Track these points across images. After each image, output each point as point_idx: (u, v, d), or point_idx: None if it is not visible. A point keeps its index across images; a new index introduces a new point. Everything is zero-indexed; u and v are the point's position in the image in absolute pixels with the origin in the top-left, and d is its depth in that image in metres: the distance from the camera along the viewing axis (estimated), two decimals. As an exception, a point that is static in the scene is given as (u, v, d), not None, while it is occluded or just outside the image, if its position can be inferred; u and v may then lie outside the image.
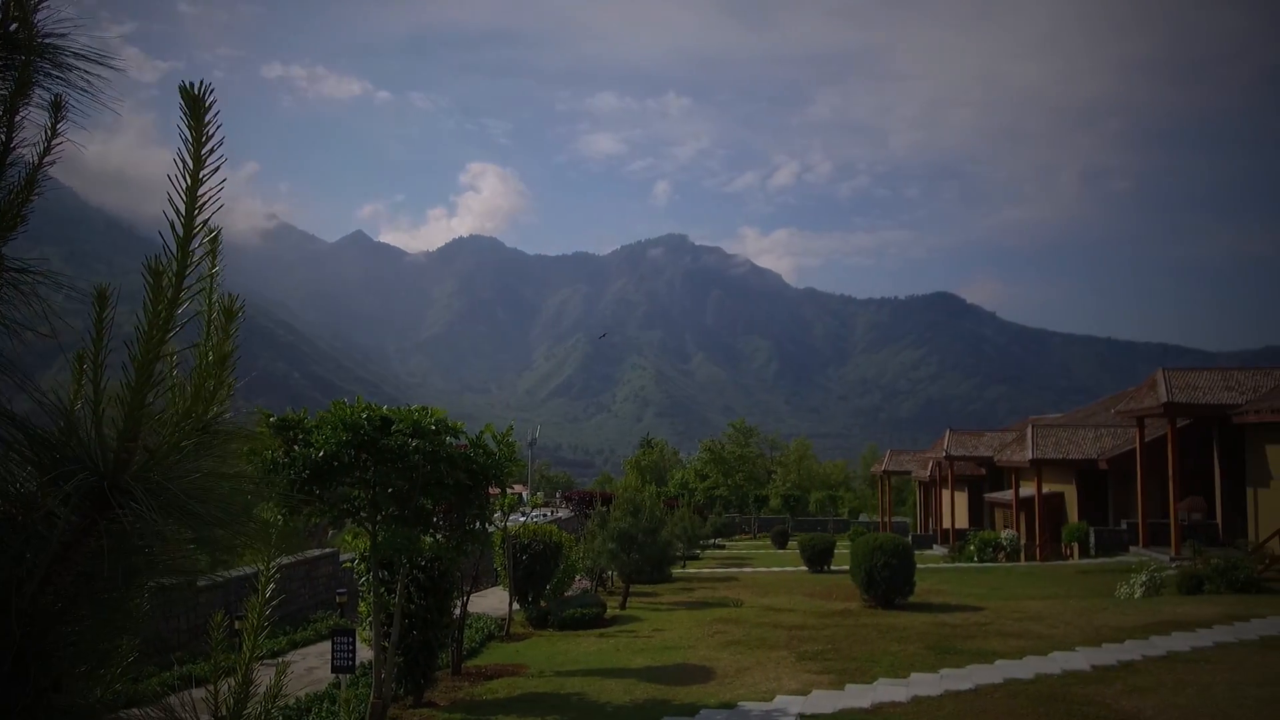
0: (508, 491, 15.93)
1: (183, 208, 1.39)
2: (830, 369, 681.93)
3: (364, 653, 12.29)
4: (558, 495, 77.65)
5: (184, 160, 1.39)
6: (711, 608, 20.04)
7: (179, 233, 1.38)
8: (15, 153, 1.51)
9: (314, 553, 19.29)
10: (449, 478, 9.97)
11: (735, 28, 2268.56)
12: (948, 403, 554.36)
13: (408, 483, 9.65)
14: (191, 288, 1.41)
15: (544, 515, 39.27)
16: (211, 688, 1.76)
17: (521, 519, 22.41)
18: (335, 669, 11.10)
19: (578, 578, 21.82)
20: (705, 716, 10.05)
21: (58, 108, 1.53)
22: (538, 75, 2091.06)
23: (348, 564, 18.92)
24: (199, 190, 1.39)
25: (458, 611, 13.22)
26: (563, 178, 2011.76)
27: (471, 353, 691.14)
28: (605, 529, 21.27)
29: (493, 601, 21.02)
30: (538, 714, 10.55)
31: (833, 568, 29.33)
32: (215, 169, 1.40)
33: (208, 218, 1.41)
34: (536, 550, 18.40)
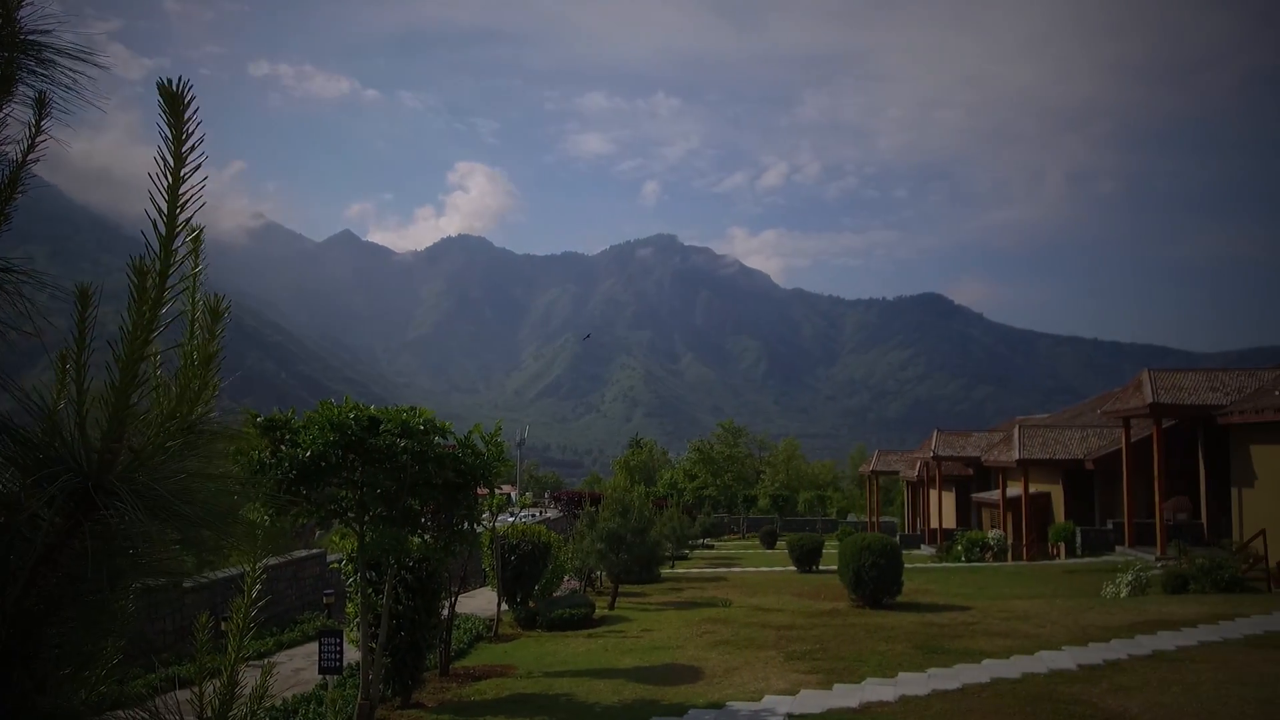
0: (496, 492, 15.92)
1: (164, 206, 1.38)
2: (819, 369, 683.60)
3: (351, 654, 12.25)
4: (546, 495, 77.54)
5: (165, 159, 1.38)
6: (700, 608, 20.05)
7: (161, 231, 1.37)
8: (-2, 150, 1.50)
9: (301, 553, 19.21)
10: (437, 478, 9.95)
11: (724, 28, 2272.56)
12: (935, 403, 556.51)
13: (395, 483, 9.63)
14: (175, 287, 1.40)
15: (532, 515, 39.22)
16: (197, 689, 1.75)
17: (510, 519, 22.40)
18: (323, 670, 11.06)
19: (566, 578, 21.80)
20: (694, 716, 10.05)
21: (42, 105, 1.52)
22: (526, 75, 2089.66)
23: (335, 565, 18.85)
24: (180, 189, 1.39)
25: (446, 612, 13.19)
26: (551, 177, 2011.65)
27: (460, 352, 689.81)
28: (594, 529, 21.26)
29: (481, 602, 20.99)
30: (526, 714, 10.53)
31: (821, 568, 29.40)
32: (197, 167, 1.39)
33: (190, 216, 1.40)
34: (525, 551, 18.37)
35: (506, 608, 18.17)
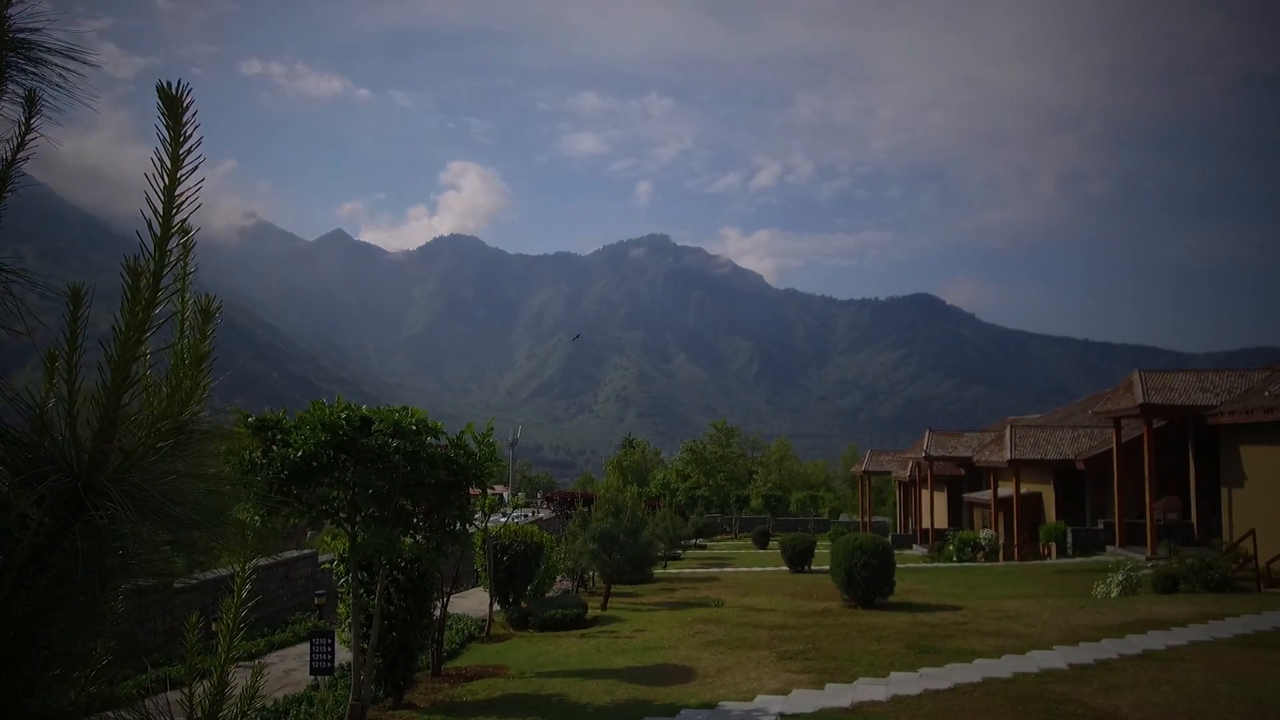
0: (488, 492, 15.90)
1: (160, 207, 1.37)
2: (811, 369, 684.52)
3: (343, 654, 12.23)
4: (539, 496, 77.45)
5: (162, 160, 1.38)
6: (693, 608, 20.05)
7: (156, 232, 1.37)
8: (-13, 149, 1.49)
9: (292, 554, 19.15)
10: (429, 478, 9.93)
11: (717, 29, 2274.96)
12: (927, 403, 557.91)
13: (387, 483, 9.60)
14: (169, 287, 1.39)
15: (525, 516, 39.19)
16: (187, 690, 1.74)
17: (502, 520, 22.37)
18: (314, 671, 11.04)
19: (559, 578, 21.78)
20: (686, 716, 10.05)
21: (31, 103, 1.51)
22: (519, 74, 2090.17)
23: (326, 565, 18.79)
24: (176, 190, 1.38)
25: (438, 613, 13.16)
26: (544, 177, 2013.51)
27: (452, 352, 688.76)
28: (587, 529, 21.25)
29: (473, 603, 20.95)
30: (518, 715, 10.52)
31: (813, 568, 29.43)
32: (194, 169, 1.39)
33: (185, 217, 1.39)
34: (517, 551, 18.35)
35: (499, 608, 18.14)
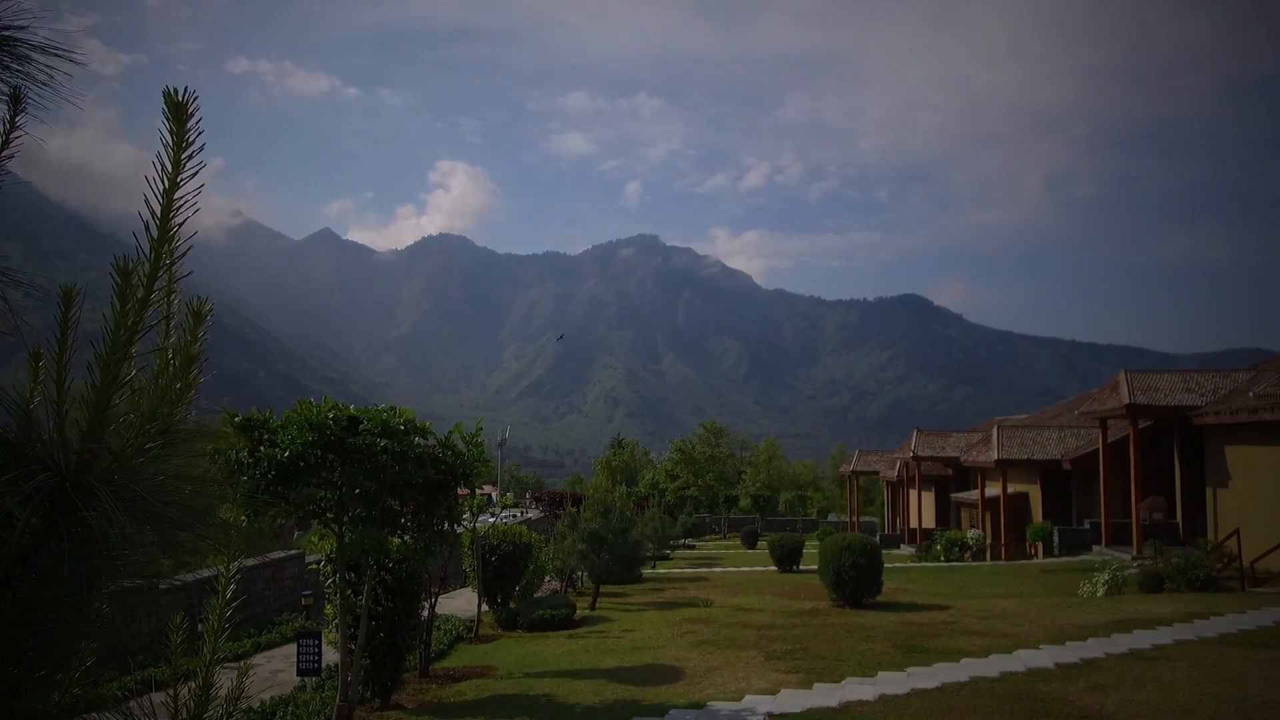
0: (477, 492, 15.88)
1: (159, 210, 1.37)
2: (800, 370, 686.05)
3: (330, 655, 12.17)
4: (527, 496, 77.43)
5: (164, 164, 1.38)
6: (681, 608, 20.07)
7: (153, 234, 1.37)
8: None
9: (279, 554, 19.06)
10: (417, 478, 9.90)
11: (706, 29, 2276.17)
12: (915, 404, 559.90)
13: (375, 483, 9.57)
14: (162, 289, 1.39)
15: (513, 516, 39.18)
16: (171, 692, 1.73)
17: (491, 520, 22.33)
18: (301, 672, 11.00)
19: (547, 579, 21.75)
20: (674, 717, 10.06)
21: (16, 100, 1.50)
22: (509, 74, 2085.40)
23: (314, 566, 18.73)
24: (176, 194, 1.39)
25: (426, 613, 13.12)
26: (533, 177, 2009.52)
27: (441, 352, 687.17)
28: (575, 530, 21.23)
29: (461, 603, 20.91)
30: (506, 715, 10.50)
31: (801, 567, 29.51)
32: (194, 174, 1.40)
33: (183, 221, 1.40)
34: (506, 551, 18.32)
35: (487, 608, 18.11)
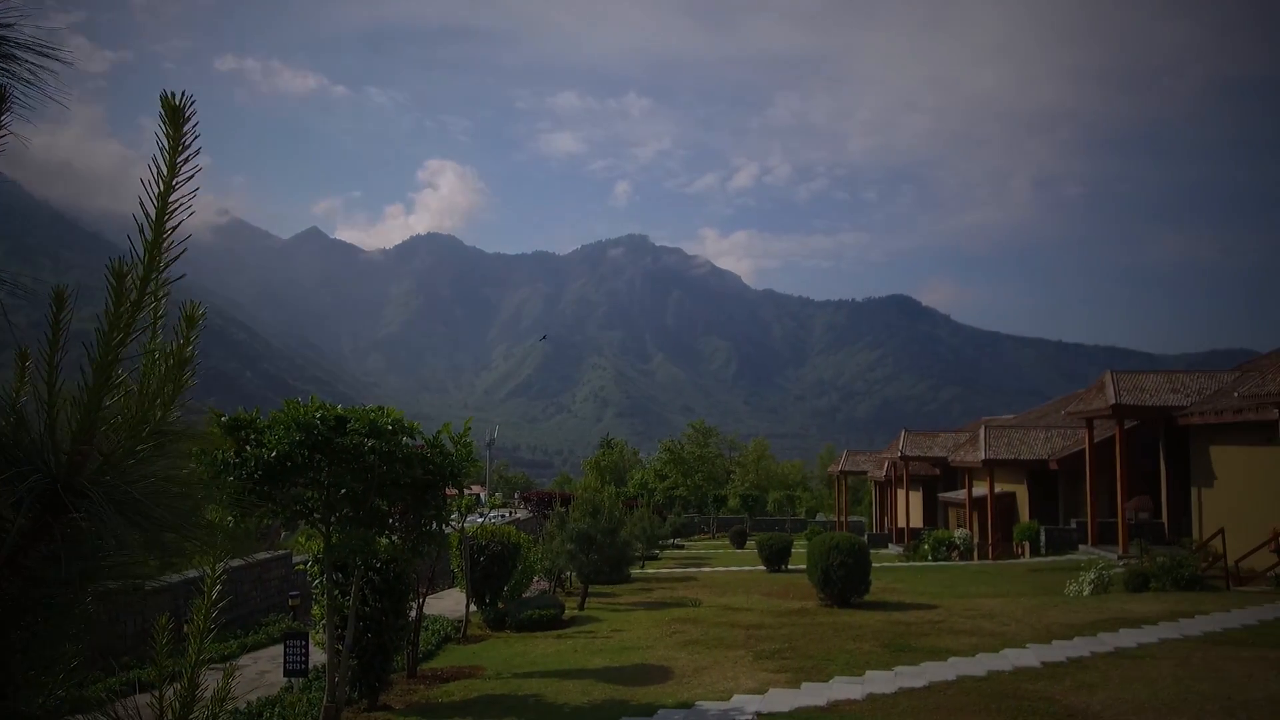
0: (465, 492, 15.85)
1: (154, 213, 1.37)
2: (788, 370, 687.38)
3: (317, 656, 12.12)
4: (516, 496, 77.27)
5: (159, 167, 1.38)
6: (670, 608, 20.07)
7: (148, 236, 1.36)
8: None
9: (266, 555, 18.99)
10: (405, 478, 9.88)
11: (695, 29, 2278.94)
12: (903, 404, 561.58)
13: (363, 484, 9.54)
14: (154, 291, 1.39)
15: (502, 516, 39.08)
16: (157, 693, 1.72)
17: (479, 520, 22.28)
18: (288, 673, 10.95)
19: (536, 579, 21.73)
20: (663, 716, 10.06)
21: (2, 99, 1.49)
22: (498, 73, 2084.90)
23: (301, 566, 18.65)
24: (171, 196, 1.38)
25: (413, 613, 13.09)
26: (523, 176, 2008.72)
27: (429, 352, 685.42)
28: (564, 530, 21.21)
29: (449, 603, 20.86)
30: (494, 715, 10.49)
31: (790, 567, 29.56)
32: (190, 178, 1.40)
33: (178, 224, 1.40)
34: (494, 551, 18.29)
35: (475, 609, 18.07)
